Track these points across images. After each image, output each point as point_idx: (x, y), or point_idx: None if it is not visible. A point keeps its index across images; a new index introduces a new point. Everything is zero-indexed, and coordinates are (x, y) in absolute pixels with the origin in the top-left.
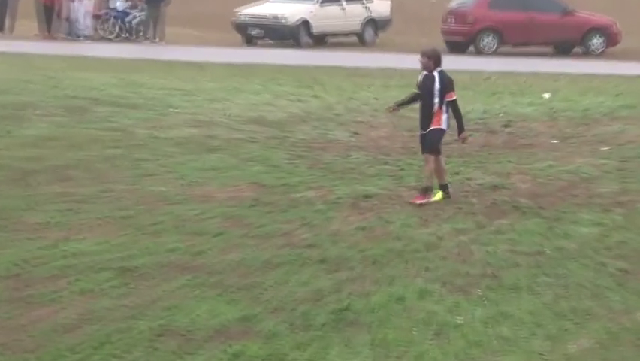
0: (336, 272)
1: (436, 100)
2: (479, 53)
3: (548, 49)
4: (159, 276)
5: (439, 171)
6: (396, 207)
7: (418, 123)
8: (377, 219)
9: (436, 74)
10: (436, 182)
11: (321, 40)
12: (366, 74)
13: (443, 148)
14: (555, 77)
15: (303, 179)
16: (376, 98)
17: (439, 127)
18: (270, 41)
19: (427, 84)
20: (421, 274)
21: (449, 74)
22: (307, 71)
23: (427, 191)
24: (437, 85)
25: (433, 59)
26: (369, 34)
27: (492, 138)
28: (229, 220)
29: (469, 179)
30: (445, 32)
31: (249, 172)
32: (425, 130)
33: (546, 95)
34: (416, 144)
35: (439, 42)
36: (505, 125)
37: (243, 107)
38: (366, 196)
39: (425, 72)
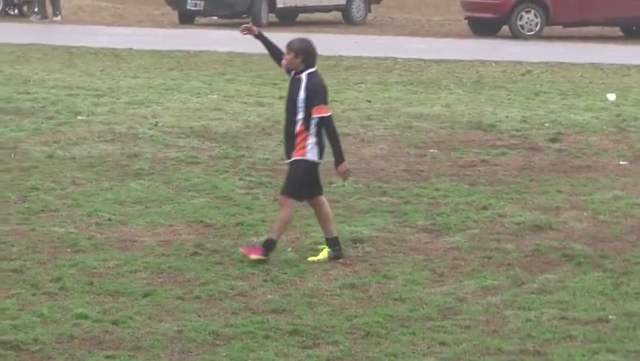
0: (314, 348)
1: (300, 116)
2: (516, 35)
3: (613, 31)
4: (61, 355)
5: (322, 220)
6: (399, 257)
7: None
8: (371, 273)
9: (304, 76)
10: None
11: (289, 18)
12: (355, 65)
13: (454, 170)
14: (623, 70)
15: (265, 216)
16: (369, 101)
17: (301, 157)
18: (217, 19)
19: (291, 91)
20: (433, 350)
21: (323, 80)
22: (270, 62)
23: (269, 246)
24: (302, 94)
25: (301, 56)
26: (357, 8)
27: (534, 157)
28: (161, 275)
29: (501, 216)
30: (467, 6)
31: (189, 207)
32: (288, 158)
33: (611, 97)
34: (426, 166)
35: (458, 19)
36: (553, 140)
37: (178, 113)
38: (356, 241)
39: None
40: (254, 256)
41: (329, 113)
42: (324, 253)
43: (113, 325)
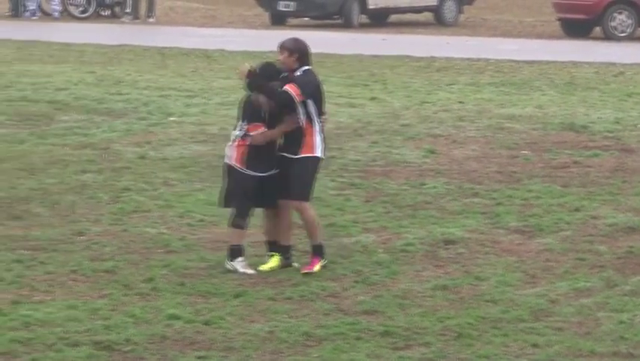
0: (406, 349)
1: (301, 113)
2: (608, 36)
3: None
4: (153, 355)
5: (282, 227)
6: (491, 258)
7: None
8: (463, 274)
9: (298, 73)
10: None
11: (380, 19)
12: (447, 66)
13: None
14: None
15: (356, 217)
16: (461, 102)
17: (310, 155)
18: (308, 20)
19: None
20: (525, 352)
21: (317, 78)
22: (362, 63)
23: (319, 251)
24: None
25: (295, 54)
26: (449, 9)
27: (627, 158)
28: (252, 276)
29: (594, 217)
30: (559, 7)
31: None
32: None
33: None
34: (518, 167)
35: (550, 21)
36: None
37: None
38: (448, 242)
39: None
40: (316, 267)
41: (291, 92)
42: (275, 260)
43: (205, 325)
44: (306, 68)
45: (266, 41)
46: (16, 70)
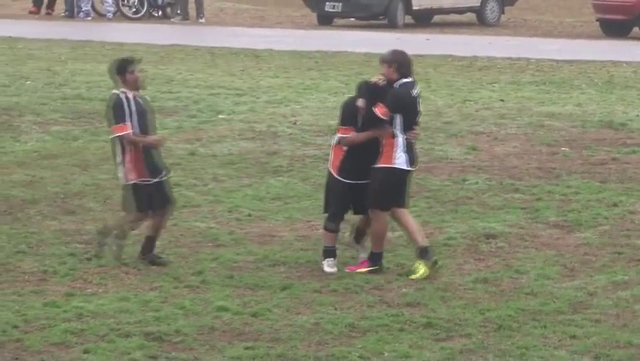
0: (447, 340)
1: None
2: None
3: None
4: (202, 346)
5: (409, 231)
6: (531, 252)
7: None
8: (504, 268)
9: (396, 86)
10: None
11: (425, 19)
12: (488, 65)
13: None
14: None
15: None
16: (503, 100)
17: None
18: (354, 20)
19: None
20: (564, 344)
21: (410, 92)
22: None
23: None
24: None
25: (394, 65)
26: (492, 10)
27: None
28: (299, 269)
29: (631, 213)
30: (598, 7)
31: None
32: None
33: None
34: (557, 164)
35: (590, 21)
36: None
37: (316, 112)
38: (489, 236)
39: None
40: (361, 270)
41: (378, 113)
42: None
43: (253, 317)
44: (405, 81)
45: (313, 41)
46: (70, 69)
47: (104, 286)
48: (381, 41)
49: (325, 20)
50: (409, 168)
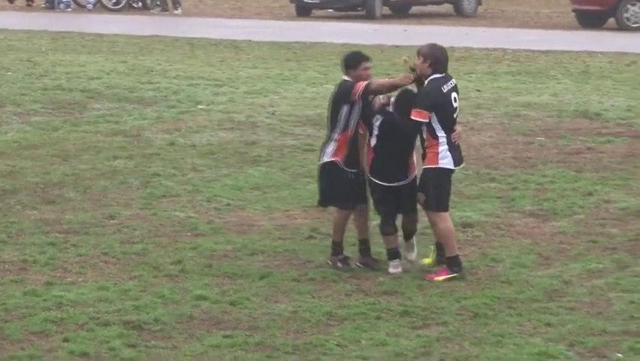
0: (424, 328)
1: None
2: (622, 27)
3: None
4: (181, 334)
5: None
6: (507, 241)
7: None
8: (480, 256)
9: (426, 82)
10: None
11: (402, 11)
12: (465, 56)
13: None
14: None
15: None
16: (479, 90)
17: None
18: (332, 11)
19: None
20: (539, 331)
21: (441, 89)
22: (384, 53)
23: (453, 262)
24: None
25: (428, 60)
26: (469, 1)
27: (639, 144)
28: (277, 258)
29: (606, 201)
30: None
31: (304, 192)
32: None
33: None
34: (533, 153)
35: (566, 12)
36: None
37: (295, 102)
38: (465, 225)
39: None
40: (440, 278)
41: (417, 118)
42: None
43: (231, 306)
44: (435, 76)
45: (291, 32)
46: (50, 60)
47: (84, 275)
48: (359, 32)
49: (304, 11)
50: (454, 168)
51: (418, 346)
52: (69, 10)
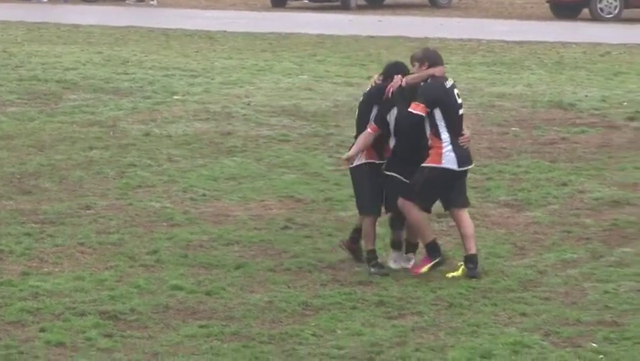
0: (399, 318)
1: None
2: (596, 18)
3: None
4: (157, 324)
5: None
6: (481, 231)
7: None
8: (455, 246)
9: (424, 84)
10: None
11: (377, 1)
12: (440, 46)
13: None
14: None
15: (352, 192)
16: (454, 81)
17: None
18: (307, 2)
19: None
20: (514, 321)
21: (439, 87)
22: (358, 44)
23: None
24: None
25: (426, 63)
26: None
27: (613, 135)
28: (252, 248)
29: (580, 192)
30: None
31: (280, 183)
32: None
33: None
34: (508, 143)
35: (540, 2)
36: (631, 118)
37: (270, 93)
38: (440, 215)
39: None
40: (424, 269)
41: (414, 110)
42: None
43: (207, 296)
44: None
45: (266, 23)
46: (26, 50)
47: (60, 265)
48: (334, 23)
49: (279, 2)
50: (457, 169)
51: (394, 336)
52: (45, 1)
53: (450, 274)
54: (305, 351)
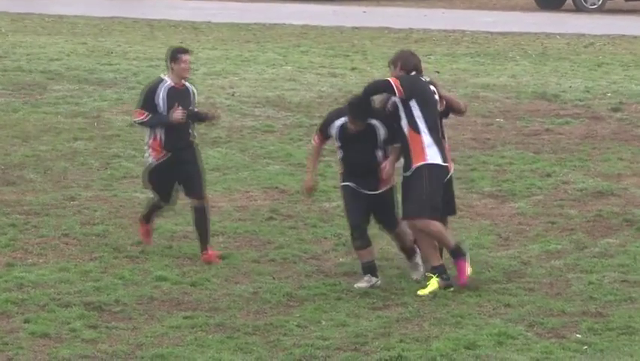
0: (384, 309)
1: (403, 123)
2: (580, 9)
3: None
4: (141, 316)
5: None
6: (466, 222)
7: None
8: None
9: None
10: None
11: None
12: (424, 37)
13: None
14: None
15: (336, 182)
16: (438, 72)
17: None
18: None
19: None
20: (499, 312)
21: (420, 81)
22: (343, 34)
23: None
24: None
25: (398, 63)
26: None
27: (597, 126)
28: (237, 239)
29: (565, 182)
30: None
31: (264, 173)
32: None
33: None
34: (492, 134)
35: None
36: (615, 109)
37: (254, 83)
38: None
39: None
40: (469, 270)
41: (393, 84)
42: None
43: (192, 287)
44: (413, 73)
45: (251, 14)
46: (10, 41)
47: (45, 256)
48: (319, 14)
49: None
50: (443, 163)
51: (378, 326)
52: None
53: (422, 291)
54: (290, 342)
